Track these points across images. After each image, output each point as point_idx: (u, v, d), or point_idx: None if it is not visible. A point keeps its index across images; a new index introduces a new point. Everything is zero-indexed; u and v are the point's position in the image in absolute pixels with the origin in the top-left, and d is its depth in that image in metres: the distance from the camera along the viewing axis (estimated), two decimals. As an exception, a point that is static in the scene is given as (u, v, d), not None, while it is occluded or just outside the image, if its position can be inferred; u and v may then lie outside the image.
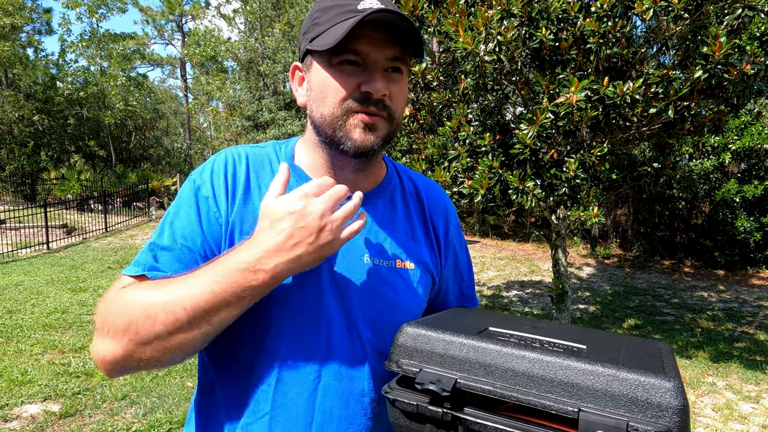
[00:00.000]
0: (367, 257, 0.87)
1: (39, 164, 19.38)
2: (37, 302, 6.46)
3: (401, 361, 0.72)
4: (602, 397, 0.59)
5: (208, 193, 0.84)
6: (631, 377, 0.59)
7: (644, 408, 0.58)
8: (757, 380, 4.61)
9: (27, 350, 4.64)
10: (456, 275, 1.04)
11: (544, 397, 0.62)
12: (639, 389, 0.58)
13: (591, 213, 3.85)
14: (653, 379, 0.59)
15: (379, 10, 0.75)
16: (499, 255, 10.71)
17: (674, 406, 0.57)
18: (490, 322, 0.81)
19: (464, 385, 0.66)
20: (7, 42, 18.60)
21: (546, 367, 0.63)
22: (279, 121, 17.19)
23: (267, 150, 0.93)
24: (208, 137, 29.76)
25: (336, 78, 0.80)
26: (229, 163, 0.87)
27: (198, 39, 22.44)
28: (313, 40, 0.81)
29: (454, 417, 0.66)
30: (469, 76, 4.15)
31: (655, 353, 0.69)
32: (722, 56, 3.46)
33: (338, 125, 0.81)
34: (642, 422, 0.57)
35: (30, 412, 3.45)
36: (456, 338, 0.70)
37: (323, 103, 0.82)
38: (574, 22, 3.77)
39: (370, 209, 0.90)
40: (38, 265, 9.17)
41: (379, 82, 0.78)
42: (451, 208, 1.03)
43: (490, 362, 0.67)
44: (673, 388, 0.58)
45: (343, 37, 0.74)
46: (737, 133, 8.80)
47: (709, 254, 9.74)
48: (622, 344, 0.74)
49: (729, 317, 6.86)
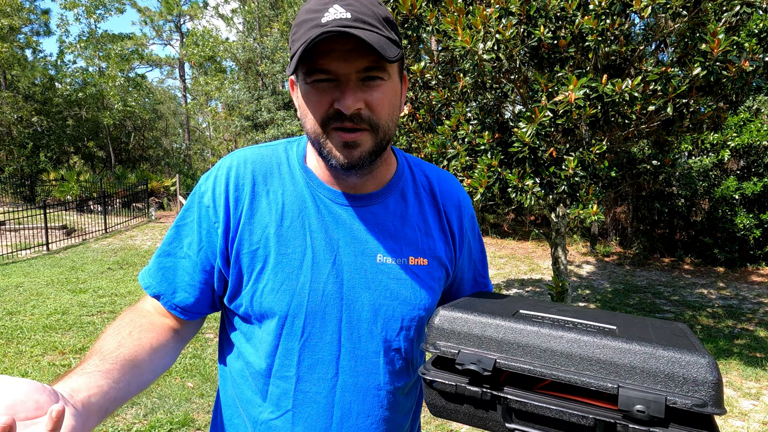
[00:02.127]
0: (380, 257, 0.88)
1: (38, 165, 19.36)
2: (37, 303, 6.46)
3: (438, 343, 0.74)
4: (640, 374, 0.62)
5: (209, 203, 0.86)
6: (667, 354, 0.62)
7: (681, 383, 0.61)
8: (757, 377, 4.62)
9: (27, 351, 4.64)
10: (470, 265, 1.05)
11: (584, 374, 0.64)
12: (676, 366, 0.61)
13: (590, 211, 3.85)
14: (689, 355, 0.62)
15: (340, 21, 0.73)
16: (498, 253, 10.72)
17: (710, 381, 0.60)
18: (518, 305, 0.84)
19: (503, 365, 0.68)
20: (5, 43, 18.57)
21: (584, 346, 0.66)
22: (278, 121, 17.18)
23: (277, 152, 0.92)
24: (207, 137, 29.76)
25: (312, 96, 0.78)
26: (232, 172, 0.87)
27: (196, 39, 22.44)
28: (292, 58, 0.78)
29: (493, 396, 0.68)
30: (468, 75, 4.15)
31: (680, 333, 0.72)
32: (721, 53, 3.46)
33: (322, 142, 0.81)
34: (680, 396, 0.60)
35: (31, 414, 3.45)
36: (493, 320, 0.72)
37: (306, 120, 0.81)
38: (572, 20, 3.77)
39: (381, 208, 0.90)
40: (38, 266, 9.17)
41: (349, 99, 0.76)
42: (465, 199, 1.02)
43: (528, 342, 0.69)
44: (708, 364, 0.61)
45: (298, 59, 0.72)
46: (736, 130, 8.80)
47: (708, 251, 9.75)
48: (647, 324, 0.77)
49: (729, 314, 6.87)
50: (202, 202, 0.88)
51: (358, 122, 0.78)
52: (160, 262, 0.89)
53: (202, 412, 3.52)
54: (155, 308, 0.91)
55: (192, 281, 0.88)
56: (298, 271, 0.84)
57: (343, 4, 0.75)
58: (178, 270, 0.88)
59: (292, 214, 0.86)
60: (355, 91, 0.76)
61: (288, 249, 0.84)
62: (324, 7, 0.75)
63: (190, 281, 0.88)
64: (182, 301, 0.88)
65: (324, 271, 0.85)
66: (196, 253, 0.87)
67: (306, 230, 0.86)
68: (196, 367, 4.32)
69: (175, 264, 0.88)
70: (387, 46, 0.74)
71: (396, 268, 0.88)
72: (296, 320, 0.84)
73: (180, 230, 0.90)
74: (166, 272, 0.89)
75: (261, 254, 0.84)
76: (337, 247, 0.86)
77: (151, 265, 0.91)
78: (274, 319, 0.84)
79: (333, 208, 0.87)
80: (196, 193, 0.89)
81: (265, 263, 0.84)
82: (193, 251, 0.88)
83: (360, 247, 0.87)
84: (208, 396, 3.76)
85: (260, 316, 0.85)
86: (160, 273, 0.89)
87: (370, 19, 0.75)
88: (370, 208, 0.89)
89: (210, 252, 0.87)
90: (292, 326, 0.84)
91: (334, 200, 0.87)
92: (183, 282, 0.88)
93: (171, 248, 0.89)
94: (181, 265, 0.88)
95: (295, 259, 0.84)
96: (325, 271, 0.85)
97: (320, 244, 0.85)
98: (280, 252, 0.84)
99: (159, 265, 0.89)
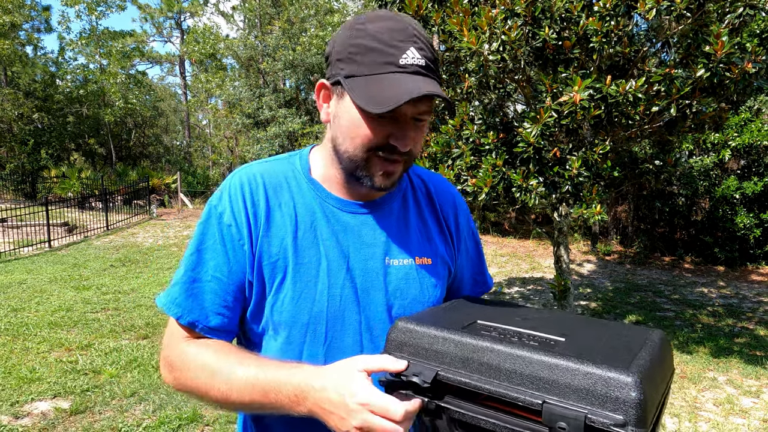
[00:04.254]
0: (388, 259, 0.93)
1: (39, 162, 19.38)
2: (41, 300, 6.50)
3: (392, 354, 0.78)
4: (566, 390, 0.63)
5: (230, 221, 0.88)
6: (591, 371, 0.62)
7: (603, 401, 0.60)
8: (757, 375, 4.66)
9: (34, 348, 4.68)
10: (468, 262, 1.09)
11: (514, 389, 0.66)
12: (599, 383, 0.61)
13: (594, 210, 3.89)
14: (612, 373, 0.61)
15: (418, 68, 0.80)
16: (500, 252, 10.75)
17: (631, 400, 0.59)
18: (482, 314, 0.85)
19: (444, 377, 0.71)
20: (6, 40, 18.56)
21: (515, 361, 0.67)
22: (279, 119, 17.19)
23: (282, 165, 0.95)
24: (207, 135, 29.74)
25: (368, 125, 0.83)
26: (246, 188, 0.90)
27: (197, 36, 22.40)
28: (351, 78, 0.82)
29: (438, 406, 0.71)
30: (473, 75, 4.18)
31: (637, 344, 0.72)
32: (724, 55, 3.49)
33: (360, 165, 0.86)
34: (600, 415, 0.59)
35: (40, 409, 3.48)
36: (439, 333, 0.75)
37: (350, 142, 0.85)
38: (577, 21, 3.79)
39: (386, 213, 0.95)
40: (40, 263, 9.20)
41: (409, 140, 0.84)
42: (459, 199, 1.08)
43: (467, 356, 0.71)
44: (631, 383, 0.60)
45: (391, 108, 0.76)
46: (737, 129, 8.83)
47: (709, 250, 9.79)
48: (608, 334, 0.77)
49: (729, 313, 6.91)
50: (222, 221, 0.88)
51: (403, 155, 0.86)
52: (188, 289, 0.88)
53: (209, 408, 3.56)
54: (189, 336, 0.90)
55: (225, 302, 0.88)
56: (315, 279, 0.88)
57: (417, 47, 0.81)
58: (207, 294, 0.88)
59: (304, 224, 0.90)
60: (411, 131, 0.84)
61: (304, 258, 0.88)
62: (400, 43, 0.80)
63: (222, 303, 0.88)
64: (218, 324, 0.88)
65: (339, 277, 0.89)
66: (227, 274, 0.87)
67: (318, 239, 0.89)
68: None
69: (203, 288, 0.88)
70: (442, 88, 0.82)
71: (404, 269, 0.93)
72: (318, 326, 0.87)
73: (203, 254, 0.89)
74: (195, 299, 0.87)
75: (281, 265, 0.87)
76: (348, 253, 0.90)
77: (175, 293, 0.88)
78: (297, 326, 0.87)
79: (341, 216, 0.92)
80: (212, 215, 0.90)
81: (285, 273, 0.87)
82: (222, 272, 0.87)
83: (369, 251, 0.91)
84: (215, 392, 3.80)
85: (282, 325, 0.87)
86: (189, 300, 0.87)
87: (433, 63, 0.82)
88: (375, 214, 0.94)
89: (239, 270, 0.88)
90: (315, 333, 0.87)
91: (341, 209, 0.92)
92: (215, 305, 0.88)
93: (196, 273, 0.88)
94: (210, 289, 0.88)
95: (311, 267, 0.88)
96: (340, 277, 0.89)
97: (333, 252, 0.89)
98: (298, 262, 0.87)
99: (187, 293, 0.87)
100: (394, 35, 0.80)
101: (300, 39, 17.49)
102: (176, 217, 14.75)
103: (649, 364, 0.66)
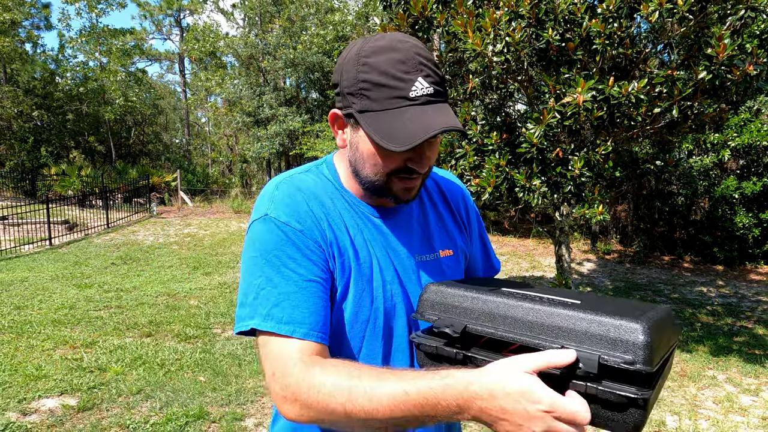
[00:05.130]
0: (418, 257, 1.02)
1: (39, 160, 19.36)
2: (44, 298, 6.52)
3: (425, 313, 0.88)
4: (582, 337, 0.71)
5: (299, 227, 0.89)
6: (605, 320, 0.71)
7: (615, 345, 0.69)
8: (756, 373, 4.71)
9: (38, 345, 4.71)
10: (478, 248, 1.20)
11: (537, 338, 0.75)
12: (611, 329, 0.70)
13: (596, 210, 3.93)
14: (623, 321, 0.70)
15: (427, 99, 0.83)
16: (500, 251, 10.79)
17: (640, 342, 0.67)
18: (505, 284, 0.95)
19: (472, 329, 0.80)
20: (6, 37, 18.53)
21: (537, 314, 0.77)
22: (280, 117, 17.20)
23: (314, 177, 0.99)
24: (207, 133, 29.74)
25: (387, 157, 0.88)
26: (298, 195, 0.93)
27: (197, 34, 22.39)
28: (363, 113, 0.85)
29: (465, 356, 0.79)
30: (477, 76, 4.21)
31: (646, 308, 0.79)
32: (726, 58, 3.53)
33: (381, 185, 0.92)
34: (612, 356, 0.68)
35: (48, 406, 3.51)
36: (468, 293, 0.85)
37: (369, 168, 0.91)
38: (580, 23, 3.83)
39: (407, 214, 1.04)
40: (41, 261, 9.22)
41: (425, 163, 0.90)
42: (466, 192, 1.19)
43: (493, 311, 0.81)
44: (639, 328, 0.68)
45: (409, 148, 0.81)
46: (737, 130, 8.87)
47: (708, 250, 9.84)
48: (620, 303, 0.85)
49: (728, 312, 6.96)
50: (290, 228, 0.89)
51: (420, 174, 0.92)
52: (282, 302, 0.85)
53: (215, 405, 3.59)
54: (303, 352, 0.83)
55: (324, 304, 0.89)
56: (371, 277, 0.95)
57: (424, 75, 0.84)
58: (308, 301, 0.87)
59: (353, 228, 0.96)
60: (427, 152, 0.90)
61: (360, 260, 0.95)
62: (407, 78, 0.83)
63: (323, 304, 0.88)
64: (326, 329, 0.88)
65: (389, 274, 0.97)
66: (317, 276, 0.88)
67: (366, 241, 0.97)
68: (206, 362, 4.39)
69: (300, 297, 0.86)
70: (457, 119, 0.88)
71: (432, 263, 1.03)
72: (378, 320, 0.94)
73: (281, 268, 0.87)
74: (297, 309, 0.85)
75: (347, 265, 0.93)
76: (389, 253, 0.99)
77: (271, 311, 0.85)
78: (358, 323, 0.93)
79: (375, 221, 1.00)
80: (274, 231, 0.89)
81: (350, 273, 0.93)
82: (312, 274, 0.88)
83: (403, 250, 1.00)
84: (221, 390, 3.83)
85: (347, 320, 0.93)
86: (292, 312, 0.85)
87: (442, 87, 0.87)
88: (398, 216, 1.02)
89: (324, 268, 0.90)
90: (374, 327, 0.94)
91: (373, 215, 1.00)
92: (318, 308, 0.87)
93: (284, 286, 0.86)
94: (309, 295, 0.87)
95: (366, 267, 0.95)
96: (390, 274, 0.97)
97: (380, 253, 0.97)
98: (357, 262, 0.94)
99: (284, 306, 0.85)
100: (399, 67, 0.83)
101: (301, 37, 17.49)
102: (176, 215, 14.77)
103: (656, 320, 0.74)
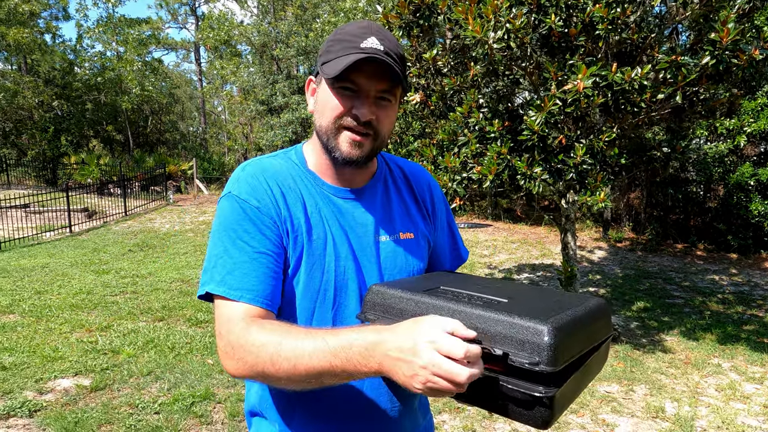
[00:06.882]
0: (378, 237, 1.09)
1: (59, 149, 19.79)
2: (63, 283, 6.74)
3: (367, 313, 0.95)
4: (496, 338, 0.77)
5: (256, 204, 0.99)
6: (515, 321, 0.76)
7: (523, 346, 0.74)
8: (762, 362, 4.69)
9: (56, 329, 4.89)
10: (444, 237, 1.26)
11: None
12: (520, 331, 0.75)
13: (597, 198, 3.92)
14: (531, 323, 0.75)
15: (376, 50, 0.95)
16: (511, 238, 10.78)
17: (543, 344, 0.72)
18: (447, 282, 1.01)
19: None
20: (26, 29, 18.86)
21: (459, 315, 0.81)
22: (293, 105, 17.26)
23: (281, 161, 1.09)
24: (223, 121, 29.97)
25: (336, 99, 0.99)
26: (260, 176, 1.02)
27: (212, 23, 22.48)
28: (324, 65, 1.00)
29: None
30: (479, 63, 4.21)
31: (569, 306, 0.85)
32: (730, 42, 3.48)
33: (331, 136, 1.01)
34: (519, 356, 0.73)
35: (63, 386, 3.68)
36: (403, 294, 0.91)
37: (323, 116, 1.01)
38: (583, 9, 3.80)
39: (372, 197, 1.11)
40: (62, 247, 9.49)
41: (366, 108, 0.98)
42: (433, 182, 1.26)
43: (422, 312, 0.86)
44: (544, 330, 0.73)
45: (342, 70, 0.93)
46: (753, 115, 8.69)
47: (722, 238, 9.70)
48: (550, 299, 0.90)
49: (739, 300, 6.89)
50: (248, 205, 0.98)
51: (367, 129, 1.00)
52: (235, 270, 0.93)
53: (221, 386, 3.72)
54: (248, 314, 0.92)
55: (275, 274, 0.96)
56: (323, 252, 1.02)
57: (379, 38, 0.97)
58: (258, 270, 0.94)
59: (311, 207, 1.04)
60: (371, 105, 0.99)
61: (314, 236, 1.02)
62: (363, 35, 0.97)
63: (273, 275, 0.96)
64: (273, 297, 0.96)
65: (343, 251, 1.04)
66: (269, 249, 0.96)
67: (323, 219, 1.04)
68: (215, 346, 4.52)
69: (251, 266, 0.94)
70: (402, 77, 0.99)
71: (392, 243, 1.10)
72: (327, 293, 1.02)
73: (237, 241, 0.96)
74: (246, 277, 0.93)
75: (300, 240, 1.00)
76: (346, 231, 1.05)
77: (225, 277, 0.93)
78: (310, 292, 1.01)
79: (336, 201, 1.07)
80: (235, 207, 0.98)
81: (303, 248, 1.00)
82: (265, 247, 0.96)
83: (362, 230, 1.07)
84: (227, 372, 3.95)
85: (298, 292, 1.00)
86: (243, 280, 0.93)
87: (395, 55, 0.98)
88: (363, 198, 1.09)
89: (277, 244, 0.98)
90: (324, 299, 1.01)
91: (335, 195, 1.07)
92: (268, 278, 0.95)
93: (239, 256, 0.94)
94: (259, 265, 0.95)
95: (320, 243, 1.02)
96: (344, 251, 1.04)
97: (336, 230, 1.04)
98: (311, 238, 1.01)
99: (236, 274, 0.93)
100: (360, 30, 0.98)
101: (313, 25, 17.47)
102: (192, 203, 15.00)
103: (568, 320, 0.79)
